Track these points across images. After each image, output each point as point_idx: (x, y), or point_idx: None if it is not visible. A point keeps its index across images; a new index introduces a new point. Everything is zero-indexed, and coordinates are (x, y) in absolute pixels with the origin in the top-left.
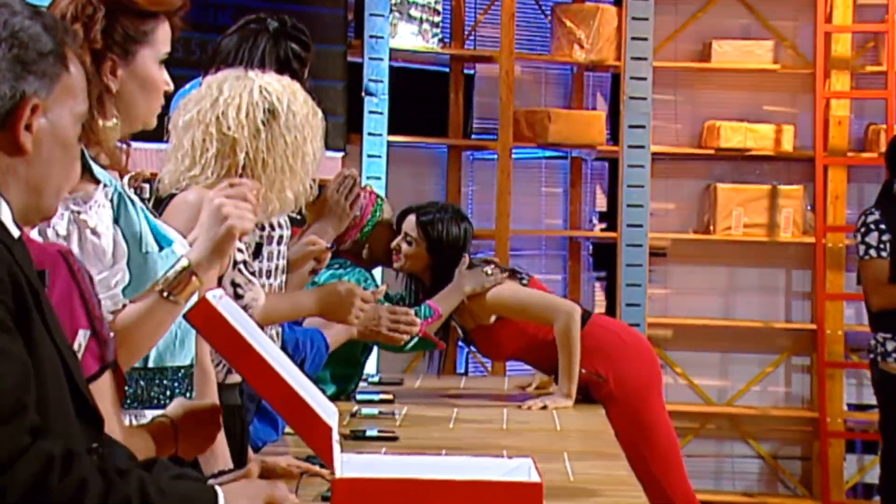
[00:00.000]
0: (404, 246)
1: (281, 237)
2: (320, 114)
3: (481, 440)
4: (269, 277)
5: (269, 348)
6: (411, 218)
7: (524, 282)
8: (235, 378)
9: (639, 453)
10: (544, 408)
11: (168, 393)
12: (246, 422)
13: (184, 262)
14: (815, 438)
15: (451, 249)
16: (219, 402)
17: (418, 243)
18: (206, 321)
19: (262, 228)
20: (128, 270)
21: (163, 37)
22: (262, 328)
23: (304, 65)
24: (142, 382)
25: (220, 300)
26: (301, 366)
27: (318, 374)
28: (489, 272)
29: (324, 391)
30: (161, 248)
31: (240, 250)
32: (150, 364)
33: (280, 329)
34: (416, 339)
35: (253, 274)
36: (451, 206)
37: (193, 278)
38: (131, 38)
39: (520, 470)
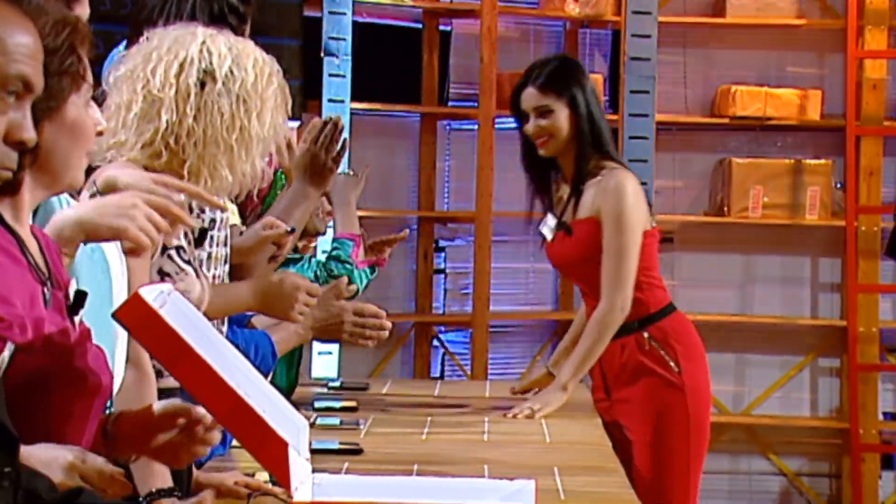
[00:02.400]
0: (542, 122)
1: (218, 220)
2: (277, 84)
3: (459, 454)
4: (216, 267)
5: (222, 352)
6: (529, 90)
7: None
8: (170, 382)
9: (665, 459)
10: (531, 416)
11: None
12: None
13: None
14: (846, 453)
15: (594, 102)
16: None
17: (554, 105)
18: (139, 320)
19: (204, 211)
20: None
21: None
22: None
23: (244, 20)
24: None
25: (168, 296)
26: None
27: None
28: (351, 172)
29: None
30: None
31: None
32: None
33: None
34: (362, 279)
35: (189, 263)
36: (552, 56)
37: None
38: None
39: (521, 495)
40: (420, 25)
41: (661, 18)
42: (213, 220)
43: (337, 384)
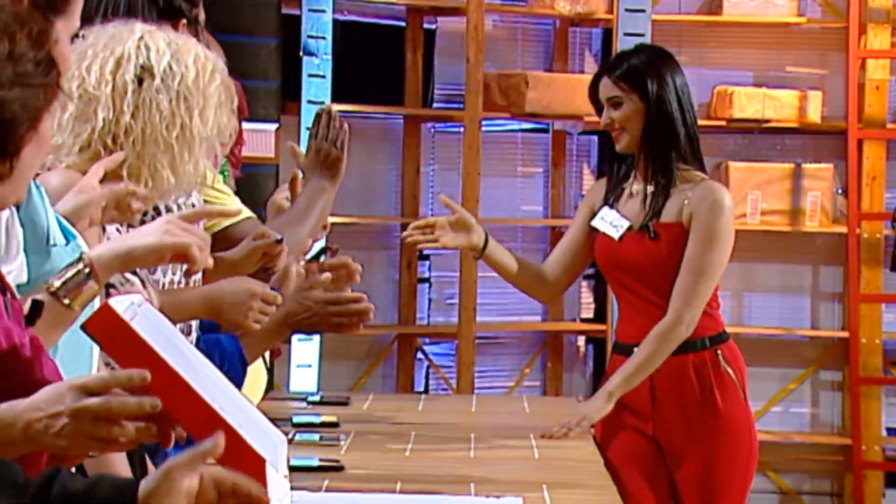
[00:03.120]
0: (614, 113)
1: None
2: (220, 81)
3: (444, 471)
4: (164, 275)
5: (196, 365)
6: (605, 81)
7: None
8: None
9: (717, 488)
10: (566, 435)
11: None
12: (144, 447)
13: (81, 261)
14: (848, 470)
15: (675, 101)
16: None
17: (625, 98)
18: (109, 332)
19: (157, 212)
20: (27, 267)
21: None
22: None
23: (193, 13)
24: None
25: (139, 307)
26: None
27: None
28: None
29: None
30: (68, 243)
31: None
32: None
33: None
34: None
35: (134, 272)
36: (638, 46)
37: (91, 282)
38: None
39: None
40: (403, 23)
41: (654, 16)
42: None
43: (316, 398)
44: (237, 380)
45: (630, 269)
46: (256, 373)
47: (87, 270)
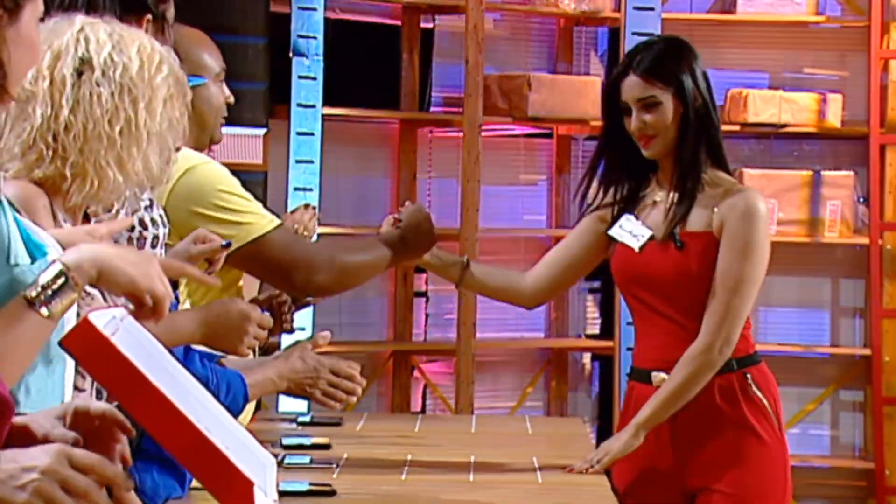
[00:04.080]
0: (648, 117)
1: (156, 238)
2: (168, 72)
3: (441, 496)
4: None
5: (181, 384)
6: (630, 79)
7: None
8: None
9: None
10: (588, 470)
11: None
12: None
13: (58, 266)
14: (871, 496)
15: (707, 93)
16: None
17: (660, 96)
18: (88, 348)
19: (132, 229)
20: None
21: None
22: None
23: (160, 9)
24: None
25: (121, 322)
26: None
27: None
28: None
29: None
30: (34, 261)
31: None
32: None
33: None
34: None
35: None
36: (656, 38)
37: (70, 289)
38: None
39: None
40: (399, 22)
41: (664, 15)
42: (155, 237)
43: (307, 419)
44: (236, 412)
45: (651, 284)
46: None
47: (64, 278)
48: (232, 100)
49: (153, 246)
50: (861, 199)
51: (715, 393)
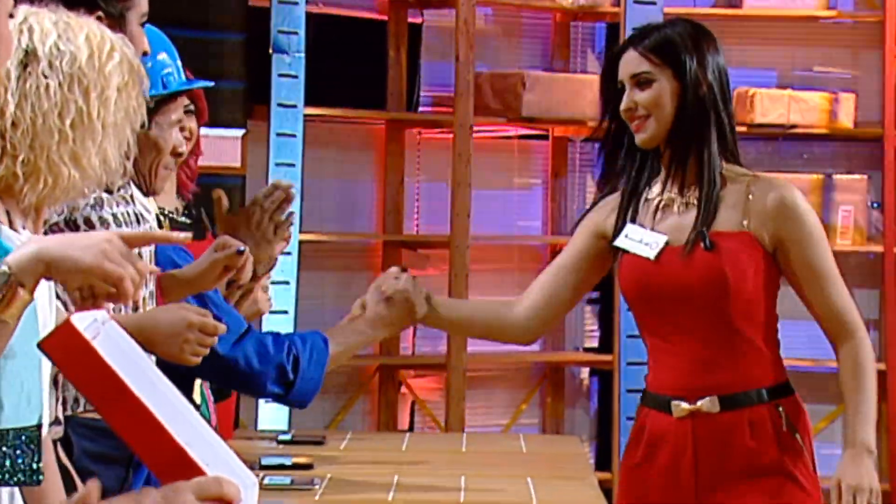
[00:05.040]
0: (639, 94)
1: None
2: (120, 59)
3: None
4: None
5: (164, 395)
6: (629, 54)
7: None
8: (56, 432)
9: None
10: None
11: (9, 462)
12: (74, 480)
13: (3, 268)
14: None
15: (717, 83)
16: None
17: (656, 74)
18: (69, 352)
19: (103, 224)
20: None
21: None
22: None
23: (118, 8)
24: None
25: (102, 325)
26: (296, 366)
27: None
28: None
29: None
30: None
31: None
32: None
33: None
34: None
35: (58, 296)
36: (676, 19)
37: (20, 290)
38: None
39: None
40: (385, 17)
41: (666, 9)
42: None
43: (288, 437)
44: (322, 363)
45: (673, 296)
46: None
47: (5, 278)
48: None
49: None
50: (875, 205)
51: (745, 429)
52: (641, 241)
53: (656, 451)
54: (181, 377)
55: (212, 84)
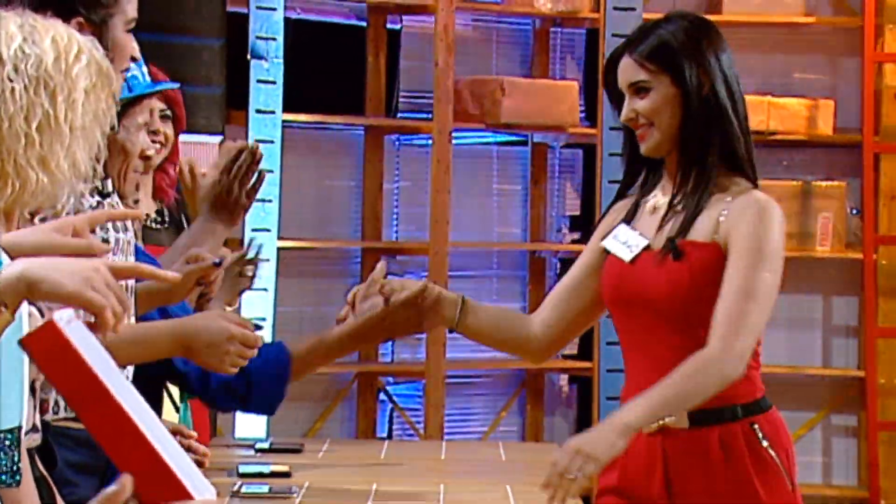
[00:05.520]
0: (639, 103)
1: (117, 242)
2: (87, 62)
3: None
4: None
5: (128, 398)
6: (625, 61)
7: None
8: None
9: None
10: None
11: None
12: (55, 496)
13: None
14: None
15: (722, 85)
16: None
17: (654, 82)
18: (50, 351)
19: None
20: None
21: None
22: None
23: (100, 14)
24: None
25: (67, 324)
26: (249, 385)
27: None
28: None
29: None
30: None
31: None
32: None
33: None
34: None
35: (31, 302)
36: (671, 15)
37: (2, 309)
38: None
39: None
40: (364, 23)
41: (646, 15)
42: (104, 241)
43: (266, 445)
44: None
45: (641, 301)
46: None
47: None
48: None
49: (113, 252)
50: (854, 211)
51: (715, 447)
52: (625, 242)
53: (628, 468)
54: (148, 379)
55: (177, 86)
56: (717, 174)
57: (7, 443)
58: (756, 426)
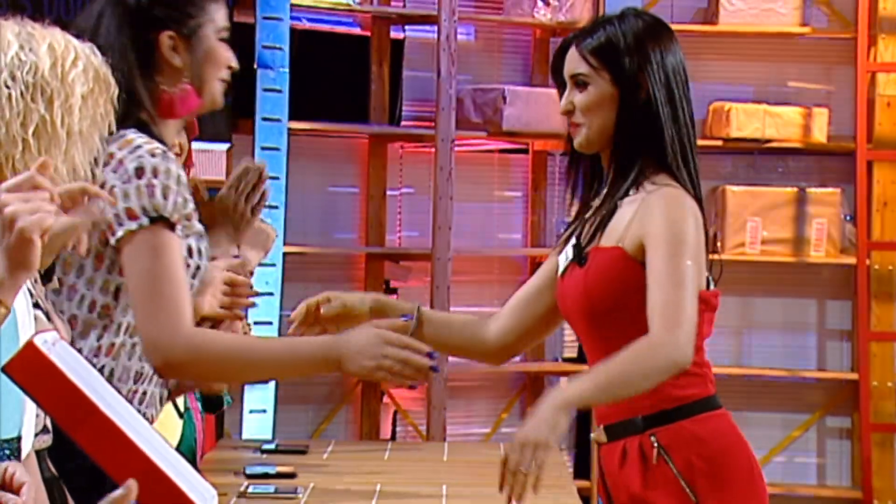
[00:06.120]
0: (577, 96)
1: (198, 269)
2: (84, 68)
3: None
4: (90, 310)
5: (121, 411)
6: (571, 52)
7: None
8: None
9: None
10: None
11: None
12: (66, 497)
13: None
14: None
15: (662, 88)
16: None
17: (594, 77)
18: (33, 374)
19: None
20: None
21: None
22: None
23: (190, 25)
24: None
25: (52, 346)
26: None
27: None
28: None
29: None
30: None
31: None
32: None
33: None
34: None
35: (37, 305)
36: (626, 10)
37: None
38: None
39: None
40: (368, 33)
41: None
42: (197, 268)
43: (272, 447)
44: None
45: (567, 314)
46: (166, 422)
47: None
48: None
49: (193, 276)
50: (848, 217)
51: (618, 459)
52: (567, 254)
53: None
54: None
55: None
56: (648, 178)
57: (7, 452)
58: (654, 437)
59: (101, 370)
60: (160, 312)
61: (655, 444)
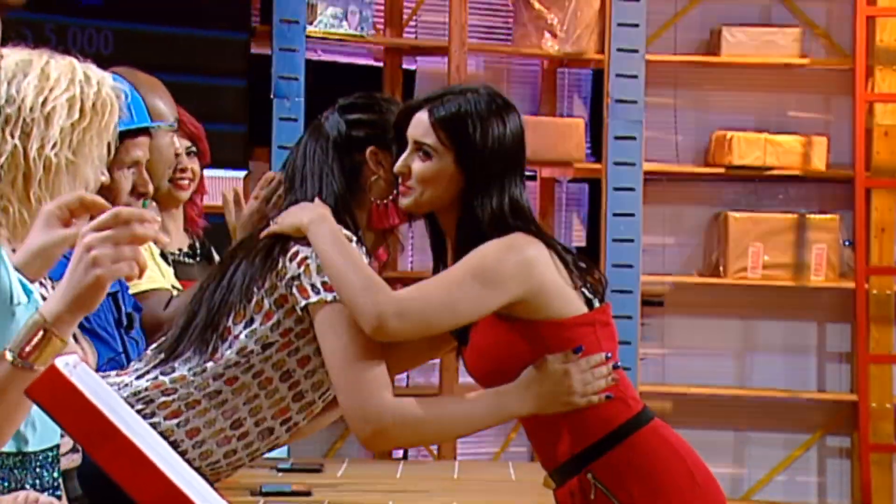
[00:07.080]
0: (416, 164)
1: None
2: (69, 97)
3: None
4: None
5: (141, 433)
6: (421, 116)
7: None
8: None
9: None
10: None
11: (38, 483)
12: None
13: (36, 318)
14: None
15: (497, 160)
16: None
17: (440, 153)
18: (55, 396)
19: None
20: None
21: None
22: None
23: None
24: (16, 472)
25: (73, 369)
26: None
27: None
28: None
29: None
30: (28, 300)
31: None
32: (13, 449)
33: None
34: None
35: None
36: (480, 88)
37: (53, 338)
38: None
39: None
40: (381, 64)
41: (648, 57)
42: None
43: (287, 465)
44: None
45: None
46: None
47: (42, 331)
48: (182, 153)
49: None
50: (847, 243)
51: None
52: None
53: None
54: None
55: (156, 125)
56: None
57: (49, 459)
58: (591, 475)
59: None
60: (364, 383)
61: (593, 482)
